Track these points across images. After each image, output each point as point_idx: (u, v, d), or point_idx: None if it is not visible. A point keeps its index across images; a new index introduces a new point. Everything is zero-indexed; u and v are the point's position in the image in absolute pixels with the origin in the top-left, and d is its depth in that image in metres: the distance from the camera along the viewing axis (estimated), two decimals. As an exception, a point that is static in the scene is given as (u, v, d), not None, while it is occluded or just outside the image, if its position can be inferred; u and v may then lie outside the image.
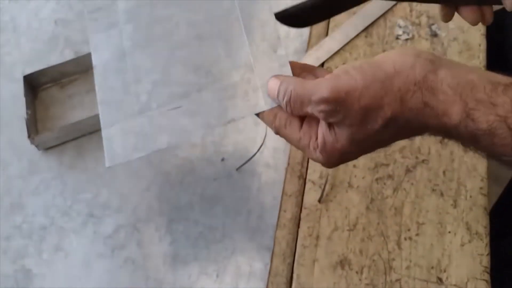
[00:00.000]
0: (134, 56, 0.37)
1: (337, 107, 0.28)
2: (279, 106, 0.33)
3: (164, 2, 0.38)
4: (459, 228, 0.48)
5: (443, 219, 0.49)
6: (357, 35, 0.60)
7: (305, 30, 0.61)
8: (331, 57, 0.59)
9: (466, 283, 0.46)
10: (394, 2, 0.62)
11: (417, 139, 0.53)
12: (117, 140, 0.35)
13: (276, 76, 0.33)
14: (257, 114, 0.35)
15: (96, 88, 0.37)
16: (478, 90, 0.27)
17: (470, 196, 0.50)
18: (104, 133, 0.36)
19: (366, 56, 0.58)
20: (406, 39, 0.59)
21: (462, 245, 0.47)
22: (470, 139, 0.28)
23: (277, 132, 0.33)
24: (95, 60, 0.38)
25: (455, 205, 0.49)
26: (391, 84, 0.28)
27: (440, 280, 0.46)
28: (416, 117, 0.28)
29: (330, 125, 0.30)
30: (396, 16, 0.61)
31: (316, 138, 0.31)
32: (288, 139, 0.33)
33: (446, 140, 0.53)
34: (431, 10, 0.61)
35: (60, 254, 0.49)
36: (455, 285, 0.46)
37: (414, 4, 0.62)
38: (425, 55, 0.29)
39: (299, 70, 0.35)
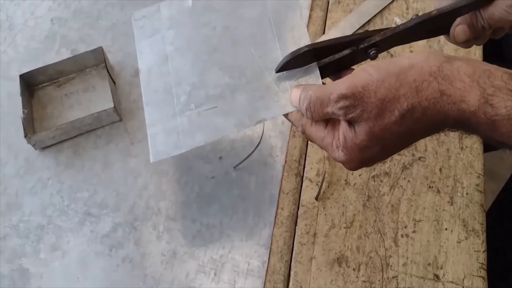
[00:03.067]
0: (175, 60, 0.40)
1: (355, 102, 0.29)
2: None
3: (202, 8, 0.42)
4: (455, 225, 0.48)
5: (439, 216, 0.49)
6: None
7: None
8: (328, 55, 0.59)
9: (463, 279, 0.46)
10: (390, 0, 0.62)
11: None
12: (160, 138, 0.38)
13: (298, 86, 0.35)
14: (285, 114, 0.37)
15: (142, 90, 0.41)
16: (496, 77, 0.27)
17: (467, 193, 0.50)
18: (149, 131, 0.39)
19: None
20: (403, 37, 0.59)
21: (459, 242, 0.48)
22: (489, 126, 0.28)
23: (303, 130, 0.35)
24: (141, 65, 0.42)
25: (451, 202, 0.49)
26: (406, 76, 0.28)
27: (436, 277, 0.46)
28: (433, 106, 0.28)
29: (350, 124, 0.31)
30: (393, 14, 0.61)
31: (339, 139, 0.32)
32: (312, 137, 0.34)
33: (442, 137, 0.53)
34: (428, 8, 0.61)
35: (57, 254, 0.49)
36: (451, 281, 0.46)
37: (411, 1, 0.62)
38: (439, 52, 0.30)
39: None
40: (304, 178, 0.51)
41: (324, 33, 0.60)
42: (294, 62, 0.37)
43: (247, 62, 0.39)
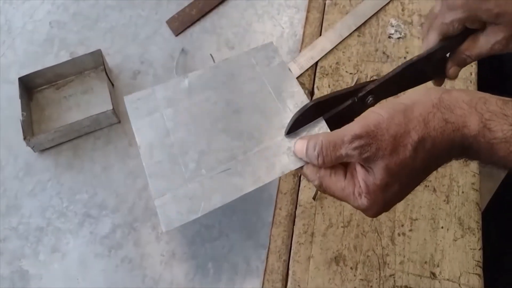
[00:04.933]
0: (178, 132, 0.40)
1: (370, 140, 0.30)
2: None
3: (200, 88, 0.42)
4: (451, 224, 0.49)
5: (436, 214, 0.49)
6: (350, 34, 0.60)
7: (299, 30, 0.61)
8: (324, 56, 0.59)
9: (459, 277, 0.46)
10: (386, 1, 0.62)
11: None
12: (170, 206, 0.37)
13: (302, 137, 0.37)
14: (301, 169, 0.37)
15: (144, 164, 0.39)
16: (491, 103, 0.29)
17: (462, 192, 0.50)
18: (156, 202, 0.38)
19: (359, 54, 0.59)
20: (398, 38, 0.60)
21: (455, 240, 0.48)
22: (488, 150, 0.30)
23: (320, 183, 0.34)
24: (139, 141, 0.40)
25: (447, 201, 0.50)
26: (412, 112, 0.30)
27: (433, 274, 0.47)
28: (441, 135, 0.30)
29: (366, 169, 0.32)
30: (389, 15, 0.62)
31: (360, 186, 0.32)
32: (332, 189, 0.34)
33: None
34: (423, 9, 0.62)
35: (56, 255, 0.49)
36: (448, 279, 0.46)
37: (406, 3, 0.63)
38: (437, 87, 0.32)
39: None
40: (301, 178, 0.52)
41: (320, 34, 0.61)
42: (302, 120, 0.39)
43: (254, 126, 0.39)
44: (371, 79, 0.58)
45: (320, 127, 0.38)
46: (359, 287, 0.46)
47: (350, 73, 0.58)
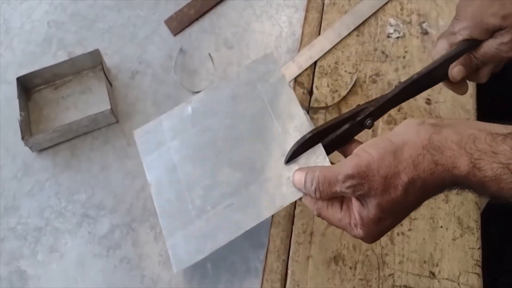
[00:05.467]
0: (184, 167, 0.41)
1: (362, 180, 0.32)
2: None
3: (202, 114, 0.43)
4: (450, 223, 0.49)
5: (435, 214, 0.49)
6: (349, 34, 0.60)
7: (298, 29, 0.61)
8: (323, 56, 0.59)
9: (458, 276, 0.46)
10: (385, 1, 0.62)
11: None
12: (180, 246, 0.39)
13: (299, 169, 0.38)
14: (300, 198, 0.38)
15: (155, 203, 0.41)
16: (480, 141, 0.30)
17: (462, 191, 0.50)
18: (168, 243, 0.39)
19: (358, 54, 0.59)
20: (397, 37, 0.60)
21: (454, 239, 0.48)
22: (480, 188, 0.30)
23: (319, 214, 0.36)
24: (150, 179, 0.42)
25: (446, 200, 0.50)
26: (402, 153, 0.31)
27: (432, 274, 0.46)
28: (431, 176, 0.31)
29: (361, 202, 0.33)
30: (387, 15, 0.62)
31: (355, 218, 0.34)
32: (329, 219, 0.36)
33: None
34: (422, 8, 0.62)
35: (55, 255, 0.49)
36: (447, 278, 0.46)
37: (405, 2, 0.63)
38: (428, 121, 0.32)
39: None
40: (300, 178, 0.52)
41: (319, 34, 0.61)
42: (301, 149, 0.39)
43: (255, 155, 0.40)
44: (370, 78, 0.58)
45: (319, 155, 0.39)
46: (358, 287, 0.46)
47: (349, 73, 0.58)
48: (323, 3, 0.63)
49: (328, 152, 0.40)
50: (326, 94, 0.57)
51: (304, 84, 0.57)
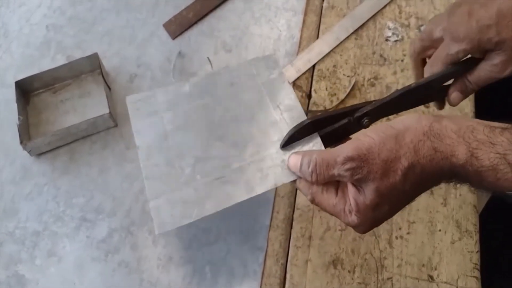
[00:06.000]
0: (176, 136, 0.40)
1: (361, 163, 0.31)
2: None
3: (200, 93, 0.42)
4: (449, 226, 0.49)
5: (433, 217, 0.49)
6: (347, 37, 0.60)
7: (296, 33, 0.61)
8: (321, 59, 0.59)
9: (457, 280, 0.46)
10: (383, 4, 0.63)
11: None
12: (164, 209, 0.37)
13: (296, 152, 0.37)
14: (294, 182, 0.37)
15: (141, 165, 0.40)
16: (478, 132, 0.30)
17: (460, 195, 0.50)
18: (151, 204, 0.38)
19: (356, 57, 0.59)
20: (396, 41, 0.60)
21: (453, 242, 0.48)
22: (477, 177, 0.31)
23: (312, 198, 0.35)
24: (138, 142, 0.41)
25: (445, 204, 0.50)
26: (403, 138, 0.31)
27: (431, 277, 0.47)
28: (430, 163, 0.31)
29: (357, 188, 0.33)
30: (386, 18, 0.62)
31: (350, 204, 0.33)
32: (323, 205, 0.35)
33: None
34: (420, 12, 0.62)
35: (53, 259, 0.49)
36: (445, 282, 0.46)
37: (403, 5, 0.63)
38: (428, 115, 0.33)
39: None
40: (299, 181, 0.52)
41: (318, 37, 0.61)
42: (298, 135, 0.39)
43: (250, 136, 0.40)
44: (368, 81, 0.58)
45: (315, 143, 0.39)
46: (357, 291, 0.46)
47: (348, 76, 0.58)
48: (322, 7, 0.63)
49: (325, 146, 0.40)
50: (324, 97, 0.57)
51: (303, 88, 0.58)
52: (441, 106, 0.45)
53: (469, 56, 0.40)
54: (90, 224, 0.51)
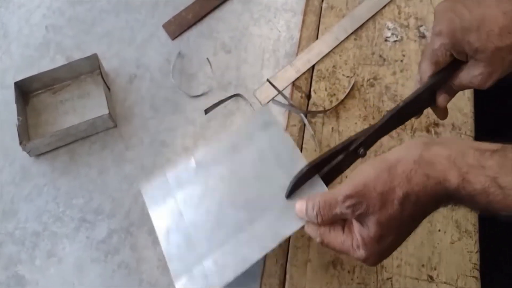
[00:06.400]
0: (190, 213, 0.43)
1: (360, 199, 0.33)
2: None
3: (206, 165, 0.45)
4: (448, 226, 0.49)
5: (432, 217, 0.49)
6: (347, 38, 0.60)
7: (296, 33, 0.61)
8: (321, 60, 0.59)
9: (456, 280, 0.46)
10: (383, 5, 0.63)
11: (406, 139, 0.54)
12: (189, 286, 0.40)
13: (301, 199, 0.39)
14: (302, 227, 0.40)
15: (163, 250, 0.43)
16: (468, 156, 0.31)
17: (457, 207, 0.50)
18: (176, 285, 0.41)
19: (355, 58, 0.59)
20: (395, 41, 0.60)
21: (452, 243, 0.48)
22: (470, 201, 0.32)
23: (322, 240, 0.37)
24: (157, 228, 0.44)
25: (444, 204, 0.50)
26: (395, 170, 0.33)
27: (430, 277, 0.47)
28: (424, 189, 0.32)
29: (361, 223, 0.34)
30: (385, 19, 0.62)
31: (357, 239, 0.35)
32: (332, 244, 0.37)
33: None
34: (420, 12, 0.62)
35: (53, 260, 0.49)
36: (445, 282, 0.46)
37: (403, 6, 0.63)
38: (419, 139, 0.35)
39: None
40: (298, 182, 0.52)
41: (317, 38, 0.61)
42: (300, 183, 0.42)
43: (257, 195, 0.43)
44: (368, 82, 0.58)
45: (317, 185, 0.41)
46: (357, 291, 0.46)
47: (347, 76, 0.58)
48: (321, 7, 0.63)
49: (326, 183, 0.42)
50: (324, 98, 0.57)
51: (302, 88, 0.58)
52: (444, 116, 0.46)
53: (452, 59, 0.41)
54: (89, 225, 0.51)
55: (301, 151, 0.53)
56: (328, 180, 0.42)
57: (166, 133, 0.55)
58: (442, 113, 0.46)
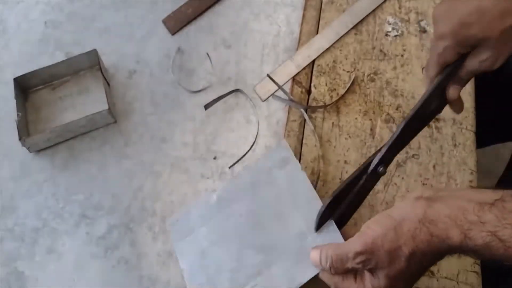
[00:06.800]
0: (212, 252, 0.45)
1: (369, 256, 0.35)
2: None
3: (226, 201, 0.47)
4: (450, 222, 0.48)
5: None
6: (347, 33, 0.60)
7: (296, 28, 0.61)
8: (321, 55, 0.59)
9: (457, 275, 0.46)
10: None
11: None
12: None
13: (315, 247, 0.40)
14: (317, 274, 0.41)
15: (187, 287, 0.44)
16: (469, 213, 0.33)
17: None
18: None
19: (356, 52, 0.59)
20: (396, 36, 0.60)
21: (453, 238, 0.48)
22: (474, 254, 0.33)
23: (335, 287, 0.40)
24: (182, 264, 0.46)
25: (445, 199, 0.50)
26: (401, 228, 0.35)
27: (431, 273, 0.46)
28: (428, 247, 0.34)
29: (372, 274, 0.36)
30: (386, 13, 0.61)
31: None
32: None
33: (435, 134, 0.53)
34: (420, 7, 0.62)
35: (52, 256, 0.49)
36: (446, 277, 0.46)
37: (403, 0, 0.62)
38: (425, 195, 0.36)
39: None
40: (299, 177, 0.51)
41: (317, 32, 0.61)
42: (325, 217, 0.42)
43: (275, 237, 0.44)
44: (368, 76, 0.57)
45: (331, 230, 0.43)
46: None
47: (347, 71, 0.58)
48: (321, 2, 0.63)
49: (355, 208, 0.44)
50: (324, 93, 0.57)
51: (302, 83, 0.57)
52: (460, 108, 0.46)
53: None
54: (89, 221, 0.51)
55: (301, 146, 0.53)
56: (357, 204, 0.43)
57: (166, 129, 0.55)
58: (458, 105, 0.45)
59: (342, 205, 0.43)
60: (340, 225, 0.44)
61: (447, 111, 0.55)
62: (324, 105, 0.56)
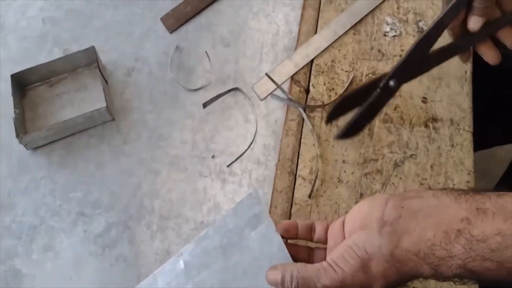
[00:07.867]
0: None
1: None
2: None
3: (195, 268, 0.42)
4: (446, 221, 0.49)
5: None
6: (345, 32, 0.60)
7: (294, 27, 0.61)
8: (320, 54, 0.59)
9: (454, 274, 0.46)
10: (381, -1, 0.62)
11: (405, 134, 0.54)
12: None
13: (273, 266, 0.38)
14: None
15: None
16: (436, 248, 0.32)
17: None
18: None
19: (354, 52, 0.59)
20: (394, 36, 0.60)
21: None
22: (448, 281, 0.34)
23: None
24: None
25: (442, 199, 0.50)
26: (370, 269, 0.34)
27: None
28: (400, 279, 0.34)
29: None
30: (384, 13, 0.62)
31: None
32: None
33: (433, 135, 0.54)
34: (418, 7, 0.62)
35: (50, 254, 0.49)
36: (443, 276, 0.46)
37: (402, 1, 0.63)
38: (389, 221, 0.34)
39: (296, 230, 0.42)
40: (297, 176, 0.52)
41: (316, 32, 0.61)
42: (337, 113, 0.43)
43: None
44: (367, 76, 0.58)
45: (278, 246, 0.41)
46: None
47: (346, 71, 0.58)
48: (320, 1, 0.63)
49: (369, 119, 0.42)
50: (322, 92, 0.57)
51: (301, 83, 0.57)
52: (466, 58, 0.45)
53: None
54: (87, 219, 0.50)
55: (299, 146, 0.53)
56: (368, 117, 0.42)
57: (164, 127, 0.55)
58: (465, 55, 0.44)
59: (354, 114, 0.42)
60: (353, 131, 0.43)
61: (444, 112, 0.55)
62: (323, 104, 0.56)
